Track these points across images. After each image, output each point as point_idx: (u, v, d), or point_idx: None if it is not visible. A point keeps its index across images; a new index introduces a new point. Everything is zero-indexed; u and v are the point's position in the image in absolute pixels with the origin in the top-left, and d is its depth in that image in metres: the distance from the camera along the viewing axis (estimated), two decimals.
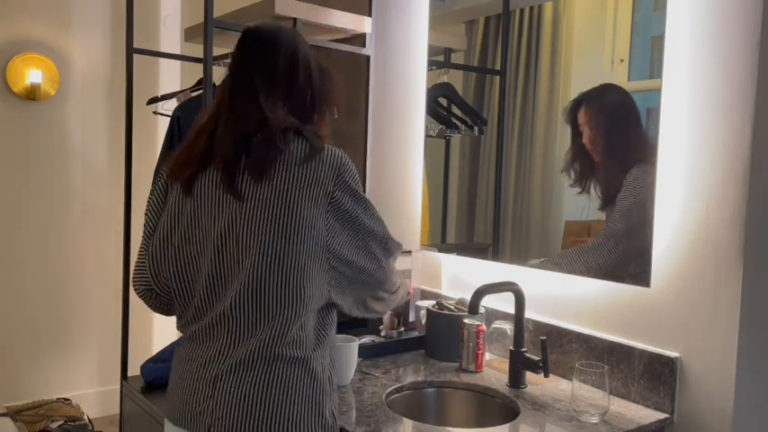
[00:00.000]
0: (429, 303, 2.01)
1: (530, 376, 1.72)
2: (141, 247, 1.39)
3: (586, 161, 1.76)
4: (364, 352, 1.85)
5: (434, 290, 2.21)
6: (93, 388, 3.62)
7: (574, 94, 1.80)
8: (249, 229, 1.24)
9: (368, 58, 2.51)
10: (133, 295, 2.48)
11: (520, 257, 1.96)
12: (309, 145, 1.27)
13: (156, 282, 1.34)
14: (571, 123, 1.79)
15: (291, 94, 1.32)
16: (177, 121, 2.45)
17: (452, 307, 1.95)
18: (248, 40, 1.33)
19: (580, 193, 1.77)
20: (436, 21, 2.26)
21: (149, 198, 1.40)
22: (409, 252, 2.15)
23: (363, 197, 1.31)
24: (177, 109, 2.49)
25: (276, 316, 1.21)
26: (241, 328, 1.23)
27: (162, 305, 1.39)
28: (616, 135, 1.67)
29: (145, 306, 1.42)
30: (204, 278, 1.28)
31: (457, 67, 2.23)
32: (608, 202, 1.65)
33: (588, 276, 1.73)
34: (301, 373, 1.22)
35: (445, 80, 2.23)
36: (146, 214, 1.39)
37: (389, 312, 2.02)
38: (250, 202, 1.25)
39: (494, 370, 1.82)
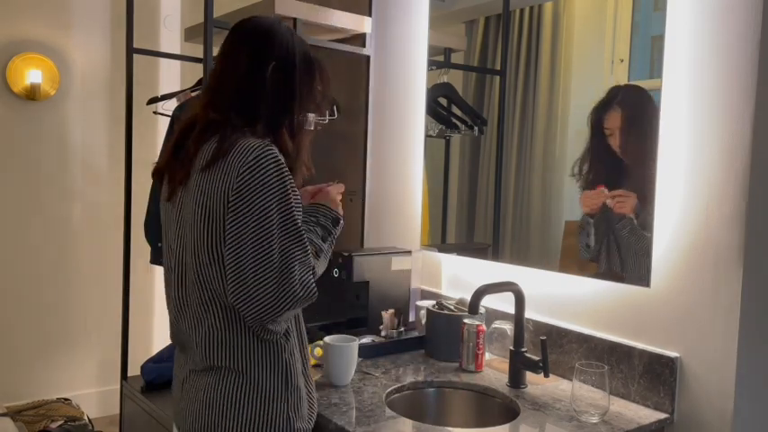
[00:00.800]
0: (429, 303, 2.01)
1: (530, 376, 1.72)
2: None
3: (610, 164, 1.73)
4: (364, 352, 1.85)
5: (434, 290, 2.21)
6: (93, 388, 3.62)
7: (574, 94, 1.80)
8: (178, 234, 1.24)
9: (368, 58, 2.51)
10: (133, 295, 2.50)
11: (520, 257, 1.96)
12: (216, 147, 1.15)
13: None
14: (594, 129, 1.75)
15: (248, 88, 1.22)
16: (177, 121, 2.46)
17: (452, 307, 1.95)
18: (228, 34, 1.30)
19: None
20: (436, 21, 2.26)
21: None
22: (409, 252, 2.16)
23: (265, 208, 1.12)
24: (177, 109, 2.50)
25: (203, 325, 1.20)
26: (186, 335, 1.26)
27: None
28: (647, 133, 1.63)
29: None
30: (167, 282, 1.32)
31: (457, 67, 2.22)
32: (644, 201, 1.62)
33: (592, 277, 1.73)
34: (241, 382, 1.18)
35: (445, 80, 2.23)
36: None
37: (389, 311, 2.01)
38: (180, 205, 1.24)
39: (494, 370, 1.82)
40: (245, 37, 1.26)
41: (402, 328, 2.03)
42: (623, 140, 1.70)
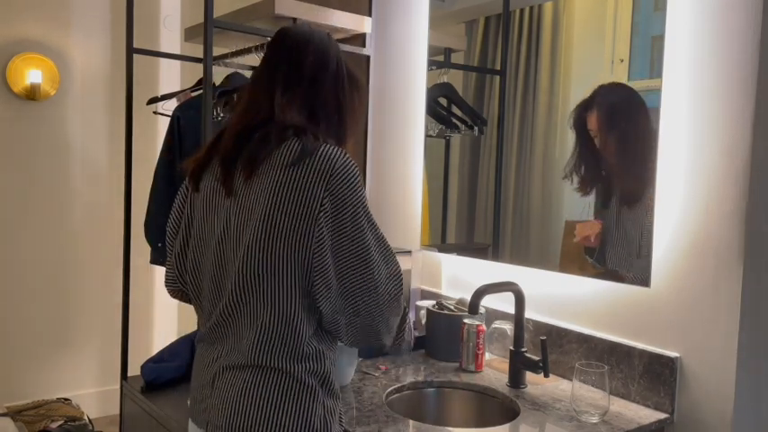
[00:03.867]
0: (429, 303, 2.01)
1: (530, 376, 1.72)
2: (167, 247, 1.41)
3: (599, 164, 1.73)
4: (364, 352, 1.85)
5: (434, 290, 2.21)
6: (93, 388, 3.62)
7: (574, 94, 1.80)
8: (238, 229, 1.21)
9: (368, 58, 2.51)
10: (133, 295, 2.50)
11: (520, 257, 1.96)
12: (301, 147, 1.18)
13: (182, 283, 1.36)
14: (578, 130, 1.76)
15: (314, 96, 1.26)
16: (177, 121, 2.45)
17: (452, 307, 1.95)
18: (280, 37, 1.30)
19: (585, 195, 1.76)
20: (436, 21, 2.26)
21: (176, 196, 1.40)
22: (409, 252, 2.16)
23: (358, 208, 1.18)
24: (177, 109, 2.49)
25: (258, 323, 1.18)
26: (232, 331, 1.23)
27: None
28: (631, 133, 1.63)
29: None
30: (208, 279, 1.28)
31: (457, 67, 2.23)
32: (636, 199, 1.62)
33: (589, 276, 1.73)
34: (286, 382, 1.18)
35: (445, 80, 2.23)
36: (170, 214, 1.39)
37: None
38: (241, 200, 1.22)
39: (494, 370, 1.82)
40: (306, 44, 1.28)
41: None
42: (604, 141, 1.70)
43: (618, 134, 1.68)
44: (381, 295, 1.20)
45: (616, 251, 1.68)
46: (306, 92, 1.26)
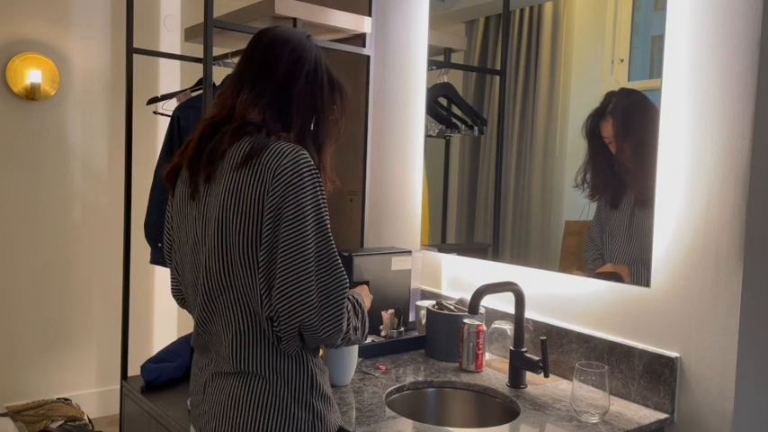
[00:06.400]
0: (429, 303, 2.01)
1: (530, 376, 1.72)
2: (165, 257, 1.41)
3: (612, 170, 1.72)
4: (364, 352, 1.85)
5: (434, 290, 2.21)
6: (93, 388, 3.62)
7: (574, 94, 1.80)
8: (203, 234, 1.20)
9: (368, 58, 2.51)
10: (133, 295, 2.50)
11: (520, 257, 1.96)
12: (250, 146, 1.14)
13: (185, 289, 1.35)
14: (591, 138, 1.75)
15: (286, 97, 1.23)
16: (177, 121, 2.46)
17: (452, 307, 1.95)
18: (258, 37, 1.29)
19: (595, 200, 1.75)
20: (436, 21, 2.26)
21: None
22: (409, 252, 2.16)
23: (302, 211, 1.11)
24: (177, 109, 2.50)
25: (232, 329, 1.18)
26: (213, 338, 1.23)
27: None
28: (647, 137, 1.62)
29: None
30: (190, 286, 1.28)
31: (457, 67, 2.23)
32: (648, 202, 1.62)
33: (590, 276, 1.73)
34: (270, 388, 1.17)
35: (445, 80, 2.23)
36: (165, 223, 1.39)
37: (389, 311, 2.02)
38: (203, 203, 1.20)
39: (494, 370, 1.82)
40: (282, 44, 1.26)
41: (402, 328, 2.03)
42: (620, 148, 1.70)
43: (634, 139, 1.67)
44: (313, 309, 1.11)
45: (625, 251, 1.68)
46: (276, 92, 1.23)
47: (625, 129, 1.70)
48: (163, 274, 3.63)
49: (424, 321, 1.99)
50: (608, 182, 1.74)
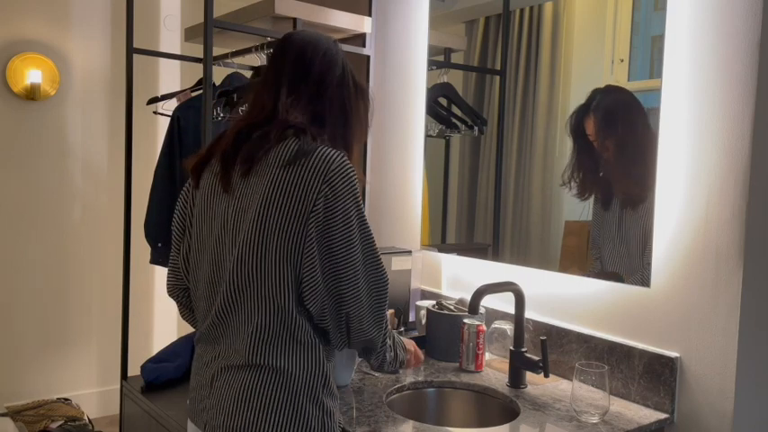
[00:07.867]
0: (429, 303, 2.01)
1: (530, 376, 1.72)
2: (171, 245, 1.41)
3: (598, 168, 1.73)
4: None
5: (434, 290, 2.21)
6: (93, 388, 3.62)
7: (574, 94, 1.80)
8: (234, 228, 1.21)
9: (368, 57, 2.51)
10: (133, 295, 2.49)
11: (520, 257, 1.96)
12: (298, 147, 1.19)
13: (187, 281, 1.36)
14: (576, 135, 1.76)
15: (320, 99, 1.27)
16: (177, 121, 2.46)
17: (452, 307, 1.95)
18: (288, 39, 1.31)
19: (585, 200, 1.76)
20: (436, 21, 2.26)
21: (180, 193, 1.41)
22: (409, 252, 2.16)
23: (349, 213, 1.17)
24: (177, 109, 2.50)
25: (254, 322, 1.18)
26: (230, 331, 1.23)
27: (188, 311, 1.41)
28: (630, 134, 1.63)
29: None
30: (205, 277, 1.27)
31: (457, 67, 2.23)
32: (639, 200, 1.62)
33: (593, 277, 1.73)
34: (284, 383, 1.17)
35: (445, 80, 2.23)
36: (174, 216, 1.39)
37: (389, 311, 2.02)
38: (238, 198, 1.22)
39: (494, 370, 1.82)
40: (314, 49, 1.29)
41: (402, 328, 2.03)
42: (603, 145, 1.70)
43: (617, 136, 1.68)
44: (362, 304, 1.20)
45: (618, 252, 1.68)
46: (311, 94, 1.26)
47: (607, 126, 1.71)
48: (163, 274, 3.63)
49: (424, 321, 1.99)
50: (595, 180, 1.74)
